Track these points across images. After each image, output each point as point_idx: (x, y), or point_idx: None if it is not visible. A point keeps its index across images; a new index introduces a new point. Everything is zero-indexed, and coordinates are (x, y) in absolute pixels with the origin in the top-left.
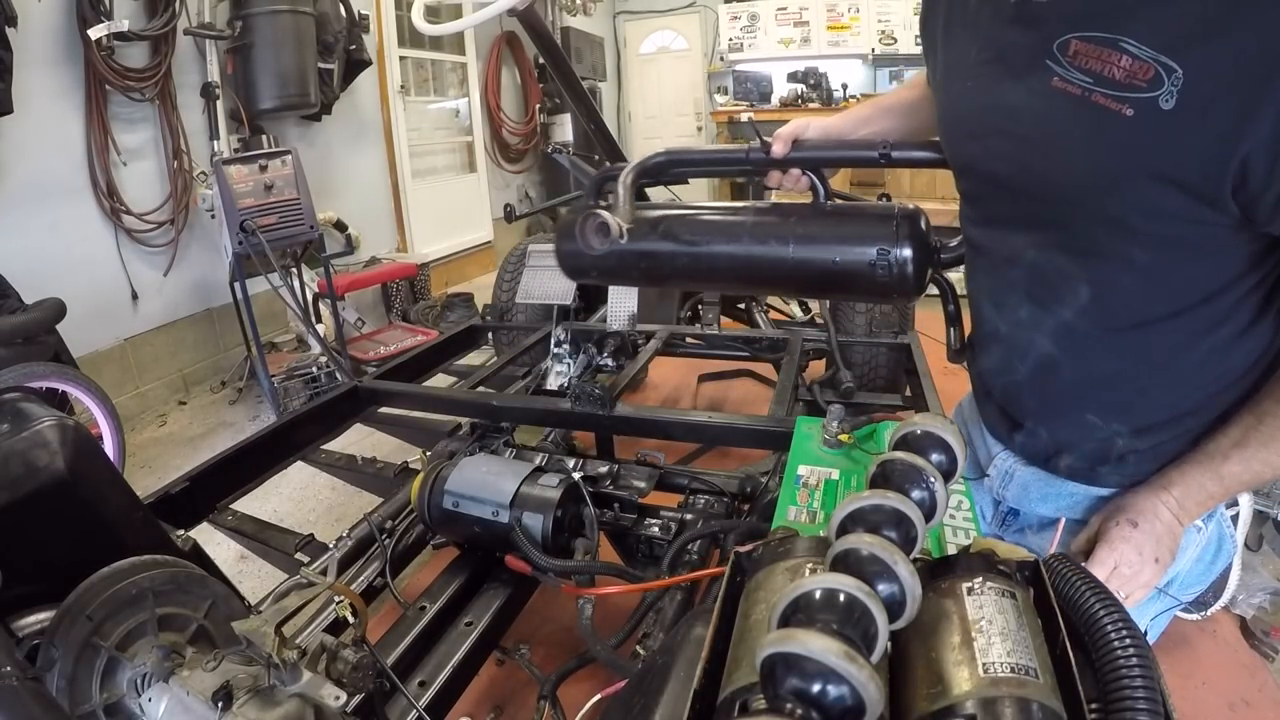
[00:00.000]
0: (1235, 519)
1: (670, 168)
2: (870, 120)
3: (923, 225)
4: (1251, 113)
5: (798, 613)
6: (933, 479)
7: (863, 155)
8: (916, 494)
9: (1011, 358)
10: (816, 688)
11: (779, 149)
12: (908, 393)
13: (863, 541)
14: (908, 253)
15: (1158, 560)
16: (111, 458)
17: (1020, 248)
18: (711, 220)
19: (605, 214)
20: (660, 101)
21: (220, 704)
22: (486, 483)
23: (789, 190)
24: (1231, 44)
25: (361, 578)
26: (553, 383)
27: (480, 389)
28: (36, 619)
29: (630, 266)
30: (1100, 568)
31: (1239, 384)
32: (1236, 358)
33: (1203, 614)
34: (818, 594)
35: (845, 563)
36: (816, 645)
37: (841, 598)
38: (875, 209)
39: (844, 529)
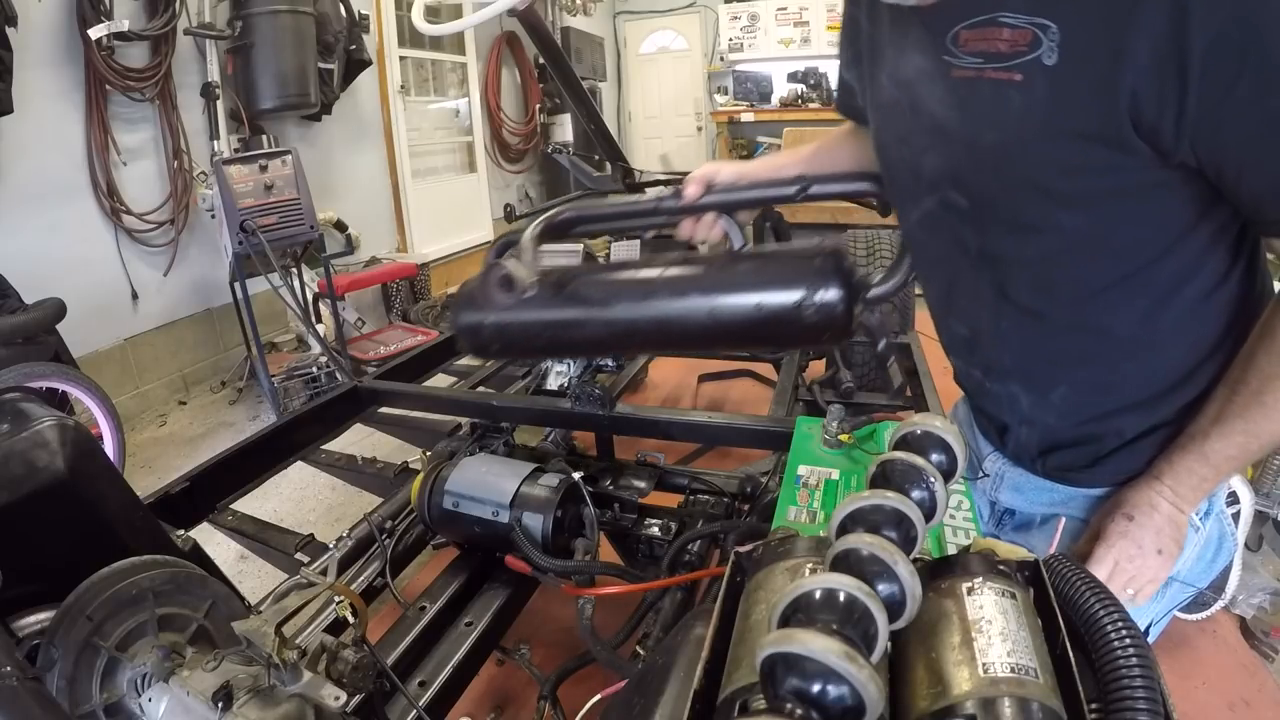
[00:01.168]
0: (1236, 517)
1: (577, 223)
2: (785, 168)
3: (846, 262)
4: (1126, 45)
5: (797, 613)
6: (932, 479)
7: (781, 193)
8: (916, 494)
9: (982, 356)
10: (816, 688)
11: (692, 192)
12: (908, 393)
13: (863, 541)
14: (835, 292)
15: (1160, 552)
16: (111, 458)
17: (963, 243)
18: (623, 278)
19: (510, 265)
20: (660, 101)
21: (220, 704)
22: (486, 483)
23: (701, 241)
24: None
25: (361, 578)
26: (553, 383)
27: (480, 389)
28: (36, 619)
29: (535, 335)
30: (1099, 566)
31: (1216, 356)
32: (1208, 323)
33: (1203, 614)
34: (818, 594)
35: (845, 563)
36: (816, 645)
37: (841, 598)
38: (795, 250)
39: (844, 529)
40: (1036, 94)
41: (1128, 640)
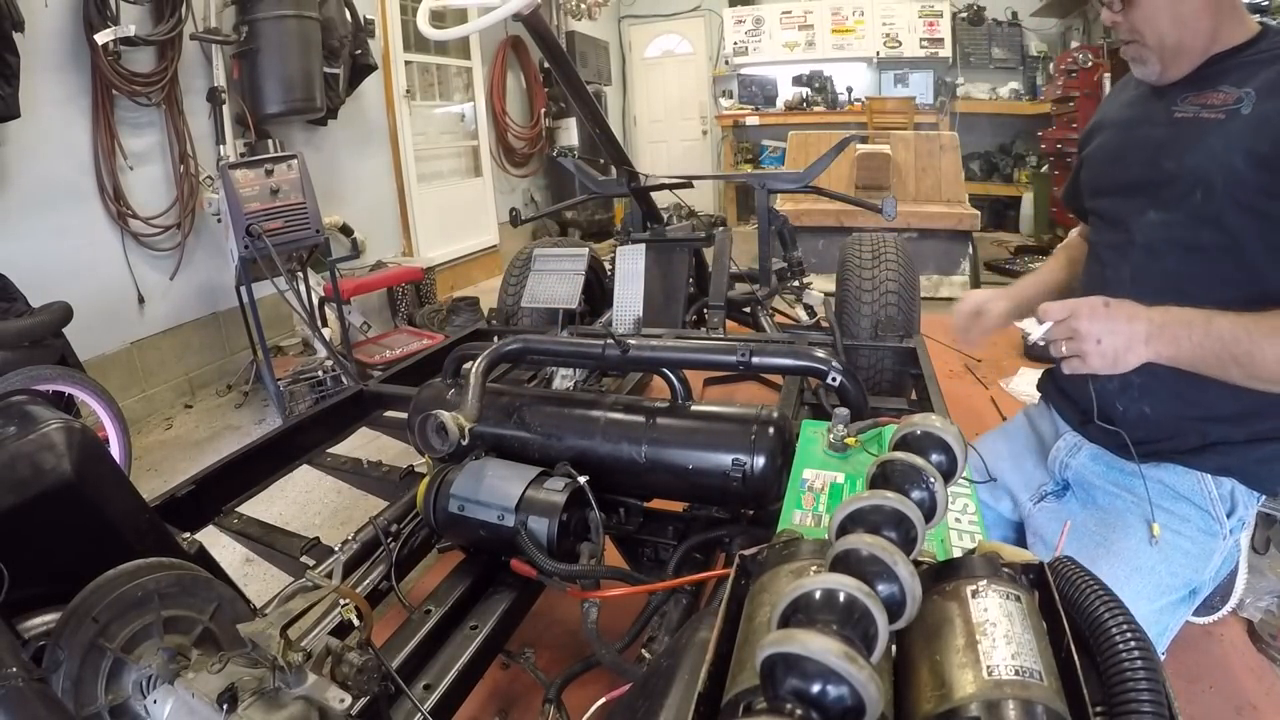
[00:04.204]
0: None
1: (526, 354)
2: (1049, 282)
3: (783, 430)
4: None
5: (797, 613)
6: (932, 479)
7: (721, 360)
8: (916, 494)
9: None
10: (816, 688)
11: (964, 324)
12: (913, 396)
13: (862, 542)
14: (764, 461)
15: (1130, 320)
16: (118, 461)
17: (1148, 242)
18: (566, 413)
19: (445, 416)
20: (665, 105)
21: (225, 706)
22: (492, 486)
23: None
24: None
25: (367, 581)
26: (558, 386)
27: None
28: (43, 620)
29: (488, 443)
30: (1061, 308)
31: None
32: None
33: (1210, 617)
34: (817, 594)
35: (845, 563)
36: (816, 645)
37: (841, 598)
38: (735, 415)
39: (844, 529)
40: (1234, 129)
41: (1133, 643)
